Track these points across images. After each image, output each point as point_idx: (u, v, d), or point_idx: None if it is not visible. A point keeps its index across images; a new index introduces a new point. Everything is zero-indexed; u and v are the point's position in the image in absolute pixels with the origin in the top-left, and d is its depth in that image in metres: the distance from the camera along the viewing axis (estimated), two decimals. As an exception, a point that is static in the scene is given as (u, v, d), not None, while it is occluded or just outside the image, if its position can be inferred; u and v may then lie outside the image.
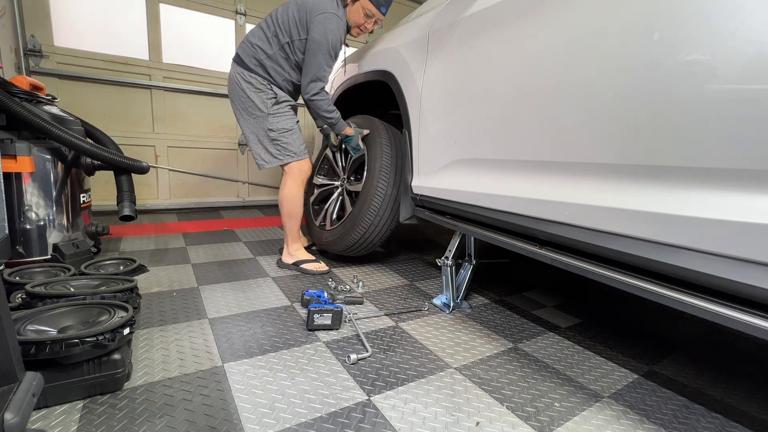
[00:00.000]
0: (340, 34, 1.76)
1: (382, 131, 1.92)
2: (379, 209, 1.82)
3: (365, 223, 1.84)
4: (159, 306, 1.46)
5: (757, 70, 0.66)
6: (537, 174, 1.12)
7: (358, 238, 1.88)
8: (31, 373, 0.65)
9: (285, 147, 1.85)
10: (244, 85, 1.81)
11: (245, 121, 1.86)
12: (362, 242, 1.90)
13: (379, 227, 1.87)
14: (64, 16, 2.75)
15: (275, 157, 1.86)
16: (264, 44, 1.79)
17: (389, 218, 1.87)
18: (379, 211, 1.83)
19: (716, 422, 1.02)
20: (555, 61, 1.04)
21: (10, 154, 1.56)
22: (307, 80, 1.77)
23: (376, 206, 1.81)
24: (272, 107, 1.82)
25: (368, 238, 1.89)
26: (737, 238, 0.69)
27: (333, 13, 1.73)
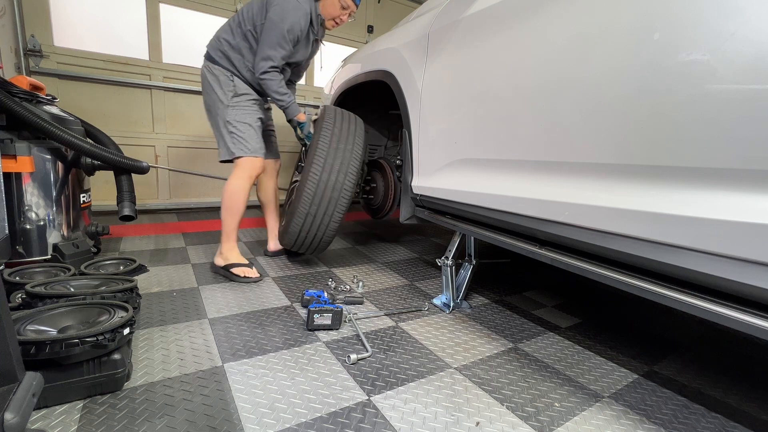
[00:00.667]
0: (299, 21, 1.72)
1: (328, 114, 1.80)
2: (313, 197, 1.67)
3: (300, 213, 1.70)
4: (159, 306, 1.46)
5: (757, 70, 0.66)
6: (537, 174, 1.12)
7: (298, 230, 1.73)
8: (31, 373, 0.65)
9: (240, 140, 1.78)
10: (209, 78, 1.81)
11: (211, 115, 1.85)
12: (304, 235, 1.75)
13: (317, 217, 1.71)
14: (64, 16, 2.75)
15: (230, 150, 1.79)
16: (228, 35, 1.80)
17: (330, 207, 1.70)
18: (314, 199, 1.67)
19: (716, 422, 1.02)
20: (555, 60, 1.04)
21: (10, 154, 1.56)
22: (258, 58, 1.74)
23: (308, 193, 1.66)
24: (232, 99, 1.79)
25: (309, 230, 1.74)
26: (737, 238, 0.69)
27: (299, 3, 1.71)
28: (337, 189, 1.69)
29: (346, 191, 1.71)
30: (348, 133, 1.76)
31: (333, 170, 1.68)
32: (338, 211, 1.73)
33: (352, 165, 1.72)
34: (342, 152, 1.71)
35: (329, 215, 1.72)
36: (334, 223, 1.75)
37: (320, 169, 1.67)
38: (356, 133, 1.78)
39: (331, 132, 1.73)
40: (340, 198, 1.70)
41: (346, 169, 1.70)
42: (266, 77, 1.74)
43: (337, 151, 1.71)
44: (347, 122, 1.80)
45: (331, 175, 1.68)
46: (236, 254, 1.85)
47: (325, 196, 1.68)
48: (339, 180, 1.69)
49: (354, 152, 1.74)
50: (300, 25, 1.73)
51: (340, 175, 1.69)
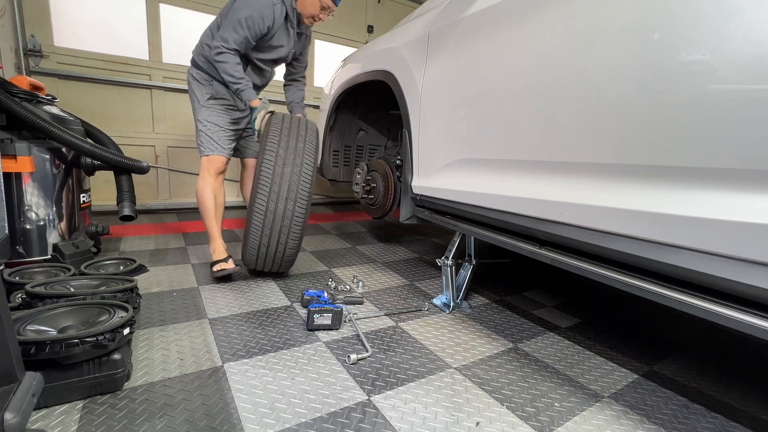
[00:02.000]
0: (260, 11, 1.69)
1: (272, 129, 1.61)
2: (262, 228, 1.54)
3: (252, 243, 1.58)
4: (159, 306, 1.46)
5: (757, 70, 0.66)
6: (537, 174, 1.12)
7: (254, 257, 1.63)
8: (31, 373, 0.65)
9: (207, 139, 1.84)
10: (191, 82, 1.87)
11: (194, 116, 1.89)
12: (262, 261, 1.65)
13: (271, 246, 1.59)
14: (64, 16, 2.75)
15: (199, 147, 1.87)
16: (209, 40, 1.82)
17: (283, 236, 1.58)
18: (263, 230, 1.55)
19: (716, 422, 1.02)
20: (555, 60, 1.04)
21: (10, 154, 1.56)
22: (214, 42, 1.74)
23: (257, 225, 1.54)
24: (207, 101, 1.85)
25: (266, 255, 1.62)
26: (737, 238, 0.69)
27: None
28: (288, 217, 1.56)
29: (298, 218, 1.58)
30: (296, 153, 1.58)
31: (280, 198, 1.53)
32: (293, 238, 1.61)
33: (302, 189, 1.56)
34: (289, 176, 1.54)
35: (283, 243, 1.60)
36: (290, 249, 1.63)
37: (266, 198, 1.53)
38: (305, 151, 1.60)
39: (276, 154, 1.55)
40: (292, 226, 1.58)
41: (295, 195, 1.55)
42: (220, 58, 1.72)
43: (283, 176, 1.54)
44: (294, 138, 1.61)
45: (279, 204, 1.53)
46: (217, 251, 1.87)
47: (275, 226, 1.56)
48: (288, 208, 1.55)
49: (304, 174, 1.57)
50: (261, 16, 1.70)
51: (289, 203, 1.54)
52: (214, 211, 1.87)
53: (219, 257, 1.81)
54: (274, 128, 1.62)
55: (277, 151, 1.56)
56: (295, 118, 1.71)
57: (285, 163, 1.55)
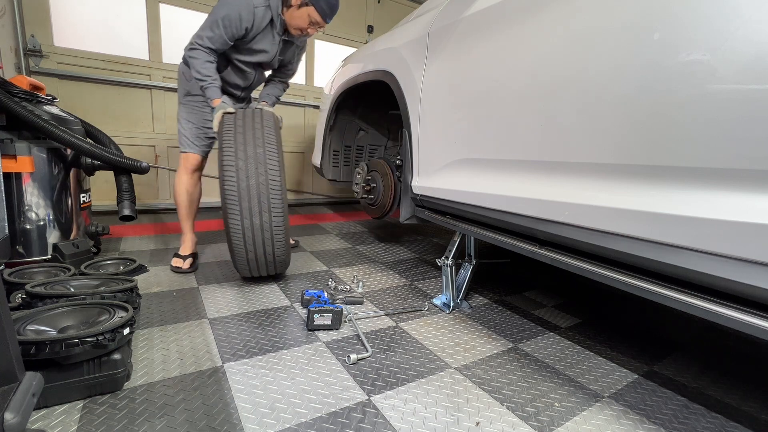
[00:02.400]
0: (240, 13, 1.68)
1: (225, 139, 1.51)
2: (244, 243, 1.49)
3: (239, 254, 1.53)
4: (159, 306, 1.46)
5: (757, 70, 0.66)
6: (537, 174, 1.12)
7: (246, 267, 1.58)
8: (31, 373, 0.65)
9: (182, 136, 1.90)
10: (179, 78, 1.92)
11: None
12: (255, 267, 1.60)
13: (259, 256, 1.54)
14: (64, 16, 2.75)
15: (179, 143, 1.92)
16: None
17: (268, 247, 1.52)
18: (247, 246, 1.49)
19: (716, 422, 1.02)
20: (555, 60, 1.04)
21: (10, 154, 1.56)
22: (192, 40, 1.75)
23: (238, 241, 1.48)
24: (184, 97, 1.90)
25: (257, 263, 1.57)
26: (737, 238, 0.69)
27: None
28: (267, 229, 1.50)
29: (278, 227, 1.50)
30: (257, 161, 1.47)
31: (254, 213, 1.46)
32: (278, 246, 1.55)
33: (274, 198, 1.48)
34: (256, 189, 1.46)
35: (270, 253, 1.55)
36: (280, 255, 1.58)
37: (238, 217, 1.46)
38: (266, 156, 1.49)
39: (236, 168, 1.45)
40: (274, 236, 1.52)
41: (268, 206, 1.47)
42: (191, 54, 1.72)
43: (250, 190, 1.45)
44: (252, 144, 1.49)
45: (254, 219, 1.47)
46: (183, 246, 1.95)
47: (257, 241, 1.50)
48: (265, 221, 1.48)
49: (271, 182, 1.47)
50: (239, 16, 1.68)
51: (264, 216, 1.47)
52: (186, 208, 1.94)
53: (183, 252, 1.92)
54: (227, 136, 1.50)
55: (237, 164, 1.46)
56: (248, 116, 1.58)
57: (248, 176, 1.45)
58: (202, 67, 1.71)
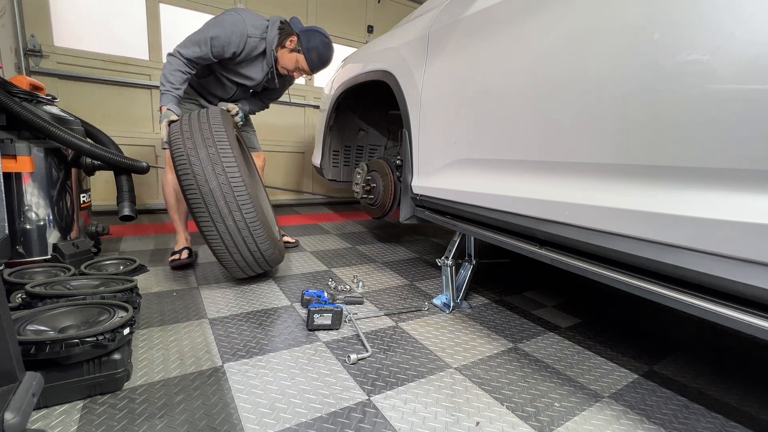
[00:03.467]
0: (230, 38, 1.72)
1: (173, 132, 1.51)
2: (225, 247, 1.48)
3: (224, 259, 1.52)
4: (159, 306, 1.46)
5: (757, 70, 0.66)
6: (537, 174, 1.12)
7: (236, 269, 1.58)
8: (31, 373, 0.65)
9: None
10: None
11: None
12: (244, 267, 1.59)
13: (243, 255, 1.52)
14: (64, 16, 2.75)
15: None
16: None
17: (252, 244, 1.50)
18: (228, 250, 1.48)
19: (716, 422, 1.02)
20: (555, 60, 1.04)
21: (10, 154, 1.56)
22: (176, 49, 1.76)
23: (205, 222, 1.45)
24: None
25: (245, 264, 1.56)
26: (737, 238, 0.69)
27: (243, 25, 1.73)
28: (243, 228, 1.46)
29: (254, 223, 1.47)
30: (211, 162, 1.42)
31: (225, 216, 1.43)
32: (261, 241, 1.51)
33: (239, 195, 1.44)
34: (219, 190, 1.42)
35: (255, 249, 1.52)
36: (266, 250, 1.55)
37: (210, 222, 1.44)
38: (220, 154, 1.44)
39: (192, 174, 1.41)
40: (252, 232, 1.48)
41: (237, 204, 1.43)
42: (168, 59, 1.74)
43: (213, 193, 1.42)
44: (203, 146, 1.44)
45: (227, 221, 1.44)
46: (178, 244, 1.98)
47: (237, 241, 1.48)
48: (237, 220, 1.45)
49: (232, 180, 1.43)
50: (229, 41, 1.72)
51: (235, 215, 1.44)
52: (176, 206, 1.96)
53: (177, 248, 1.92)
54: (175, 145, 1.46)
55: (192, 170, 1.41)
56: (193, 119, 1.53)
57: (207, 180, 1.41)
58: (170, 74, 1.72)
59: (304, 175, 3.94)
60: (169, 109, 1.69)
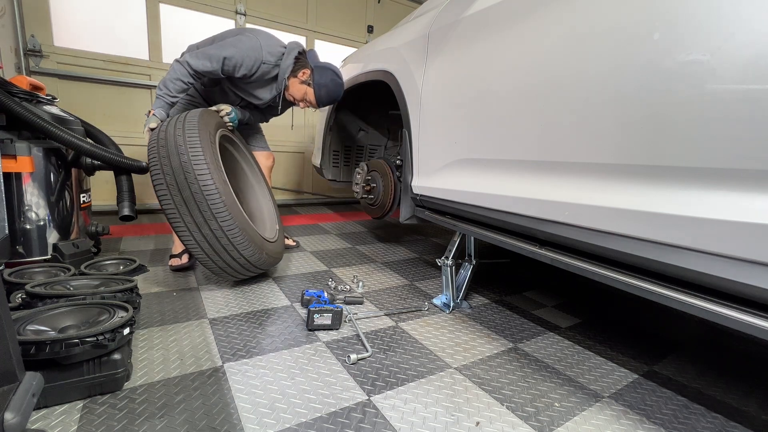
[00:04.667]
0: (244, 61, 1.72)
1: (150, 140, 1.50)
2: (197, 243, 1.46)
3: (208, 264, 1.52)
4: (159, 306, 1.46)
5: (757, 70, 0.66)
6: (537, 174, 1.12)
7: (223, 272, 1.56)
8: (31, 373, 0.65)
9: None
10: None
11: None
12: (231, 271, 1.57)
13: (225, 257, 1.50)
14: (64, 16, 2.75)
15: None
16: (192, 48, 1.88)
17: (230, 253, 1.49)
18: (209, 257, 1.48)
19: (716, 422, 1.02)
20: (555, 60, 1.04)
21: (10, 154, 1.56)
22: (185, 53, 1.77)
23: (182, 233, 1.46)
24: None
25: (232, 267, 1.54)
26: (737, 238, 0.69)
27: (259, 51, 1.73)
28: (222, 236, 1.45)
29: (231, 230, 1.45)
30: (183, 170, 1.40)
31: (200, 225, 1.43)
32: (243, 248, 1.50)
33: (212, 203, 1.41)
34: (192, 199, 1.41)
35: (239, 255, 1.51)
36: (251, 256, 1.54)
37: (187, 232, 1.45)
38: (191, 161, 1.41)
39: (164, 183, 1.42)
40: (232, 239, 1.47)
41: (210, 213, 1.41)
42: (174, 65, 1.73)
43: (187, 202, 1.42)
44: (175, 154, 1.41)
45: (203, 230, 1.44)
46: (176, 245, 1.97)
47: (218, 249, 1.47)
48: (214, 228, 1.44)
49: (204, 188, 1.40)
50: (242, 63, 1.72)
51: (211, 224, 1.43)
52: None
53: (175, 251, 1.92)
54: (150, 154, 1.46)
55: (165, 179, 1.41)
56: (169, 126, 1.50)
57: (180, 189, 1.40)
58: (170, 81, 1.71)
59: (304, 175, 3.94)
60: (155, 115, 1.69)
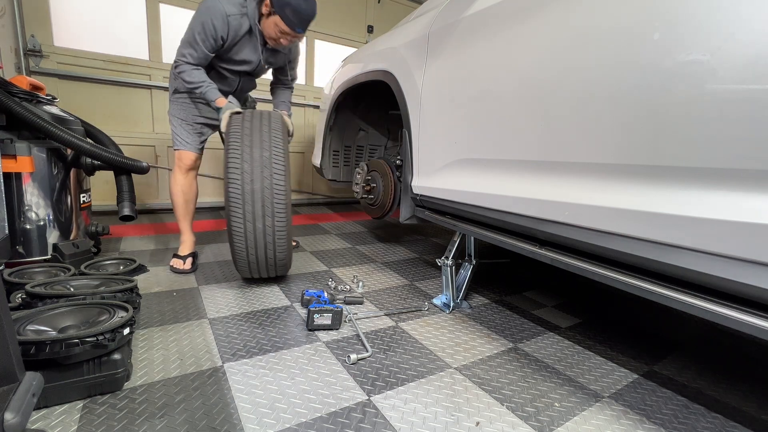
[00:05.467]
0: (210, 20, 1.64)
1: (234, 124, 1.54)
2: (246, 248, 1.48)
3: (241, 257, 1.52)
4: (159, 306, 1.46)
5: (757, 70, 0.66)
6: (537, 174, 1.12)
7: (247, 269, 1.57)
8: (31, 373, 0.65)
9: (174, 134, 1.89)
10: (170, 75, 1.92)
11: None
12: (255, 270, 1.59)
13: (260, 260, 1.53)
14: (64, 16, 2.75)
15: (172, 142, 1.91)
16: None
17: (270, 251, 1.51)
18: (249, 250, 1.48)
19: (716, 422, 1.02)
20: (555, 60, 1.04)
21: (10, 154, 1.56)
22: (176, 57, 1.77)
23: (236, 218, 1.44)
24: (173, 95, 1.90)
25: (258, 266, 1.57)
26: (737, 238, 0.69)
27: (218, 4, 1.65)
28: (269, 234, 1.48)
29: (280, 232, 1.50)
30: (262, 164, 1.46)
31: (257, 217, 1.45)
32: (280, 250, 1.53)
33: (278, 203, 1.47)
34: (260, 192, 1.45)
35: (272, 256, 1.54)
36: (281, 260, 1.57)
37: (241, 220, 1.45)
38: (272, 159, 1.47)
39: (241, 170, 1.44)
40: (276, 240, 1.50)
41: (272, 210, 1.46)
42: (177, 71, 1.74)
43: (254, 194, 1.44)
44: (258, 147, 1.48)
45: (256, 223, 1.46)
46: (182, 246, 1.95)
47: (259, 244, 1.49)
48: (267, 225, 1.47)
49: (276, 187, 1.47)
50: (212, 25, 1.65)
51: (267, 220, 1.46)
52: (183, 208, 1.93)
53: (181, 252, 1.90)
54: (233, 138, 1.49)
55: (242, 166, 1.45)
56: (256, 118, 1.56)
57: (253, 179, 1.44)
58: (191, 77, 1.72)
59: (304, 174, 3.94)
60: (230, 102, 1.72)
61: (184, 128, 1.88)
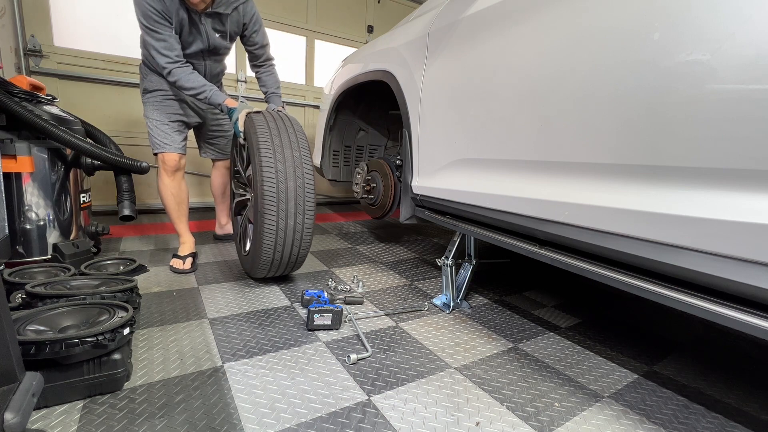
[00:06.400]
0: (146, 3, 1.58)
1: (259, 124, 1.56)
2: (275, 244, 1.50)
3: (266, 252, 1.51)
4: (159, 306, 1.46)
5: (757, 70, 0.66)
6: (537, 174, 1.12)
7: (268, 264, 1.58)
8: (31, 373, 0.66)
9: (152, 136, 1.84)
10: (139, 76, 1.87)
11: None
12: (276, 266, 1.61)
13: (284, 256, 1.55)
14: (64, 16, 2.75)
15: (152, 147, 1.86)
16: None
17: (295, 248, 1.55)
18: (276, 247, 1.50)
19: (716, 422, 1.02)
20: (555, 60, 1.04)
21: (10, 154, 1.56)
22: (154, 63, 1.69)
23: (270, 216, 1.46)
24: (144, 96, 1.85)
25: (280, 262, 1.58)
26: (737, 238, 0.69)
27: None
28: (298, 231, 1.53)
29: (308, 229, 1.55)
30: (294, 164, 1.51)
31: (290, 215, 1.49)
32: (303, 247, 1.58)
33: (308, 201, 1.53)
34: (294, 191, 1.49)
35: (295, 254, 1.59)
36: (301, 257, 1.63)
37: (275, 217, 1.46)
38: (303, 159, 1.54)
39: (275, 170, 1.47)
40: (303, 237, 1.56)
41: (303, 208, 1.51)
42: (170, 78, 1.68)
43: (288, 192, 1.48)
44: (289, 147, 1.53)
45: (289, 221, 1.49)
46: (183, 246, 1.94)
47: (287, 242, 1.52)
48: (298, 222, 1.51)
49: (307, 186, 1.52)
50: (149, 4, 1.58)
51: (298, 217, 1.51)
52: (176, 210, 1.91)
53: (182, 252, 1.90)
54: (263, 137, 1.51)
55: (276, 166, 1.48)
56: (278, 119, 1.60)
57: (287, 178, 1.49)
58: (189, 82, 1.67)
59: (304, 175, 3.93)
60: (242, 102, 1.71)
61: (162, 129, 1.82)
